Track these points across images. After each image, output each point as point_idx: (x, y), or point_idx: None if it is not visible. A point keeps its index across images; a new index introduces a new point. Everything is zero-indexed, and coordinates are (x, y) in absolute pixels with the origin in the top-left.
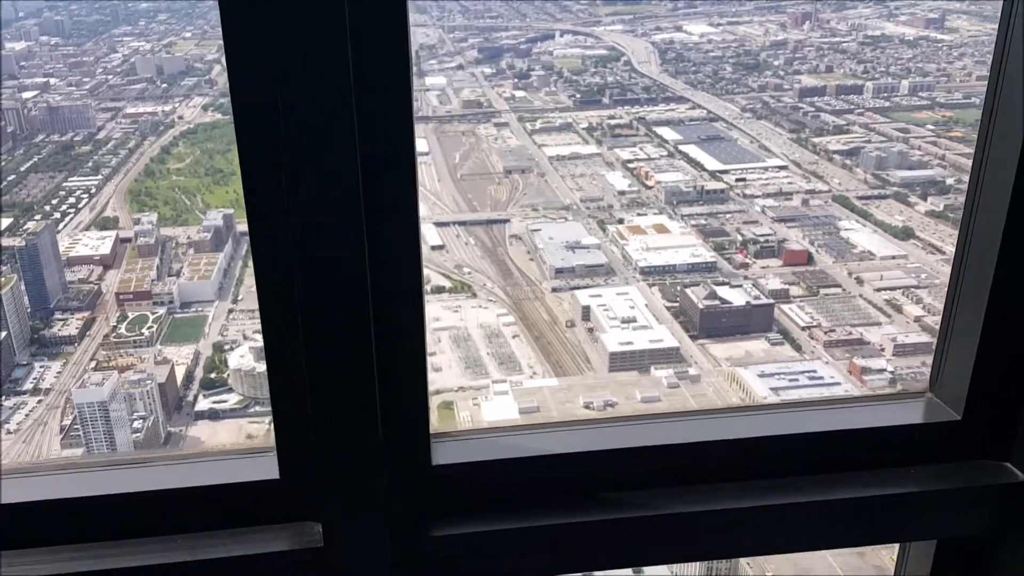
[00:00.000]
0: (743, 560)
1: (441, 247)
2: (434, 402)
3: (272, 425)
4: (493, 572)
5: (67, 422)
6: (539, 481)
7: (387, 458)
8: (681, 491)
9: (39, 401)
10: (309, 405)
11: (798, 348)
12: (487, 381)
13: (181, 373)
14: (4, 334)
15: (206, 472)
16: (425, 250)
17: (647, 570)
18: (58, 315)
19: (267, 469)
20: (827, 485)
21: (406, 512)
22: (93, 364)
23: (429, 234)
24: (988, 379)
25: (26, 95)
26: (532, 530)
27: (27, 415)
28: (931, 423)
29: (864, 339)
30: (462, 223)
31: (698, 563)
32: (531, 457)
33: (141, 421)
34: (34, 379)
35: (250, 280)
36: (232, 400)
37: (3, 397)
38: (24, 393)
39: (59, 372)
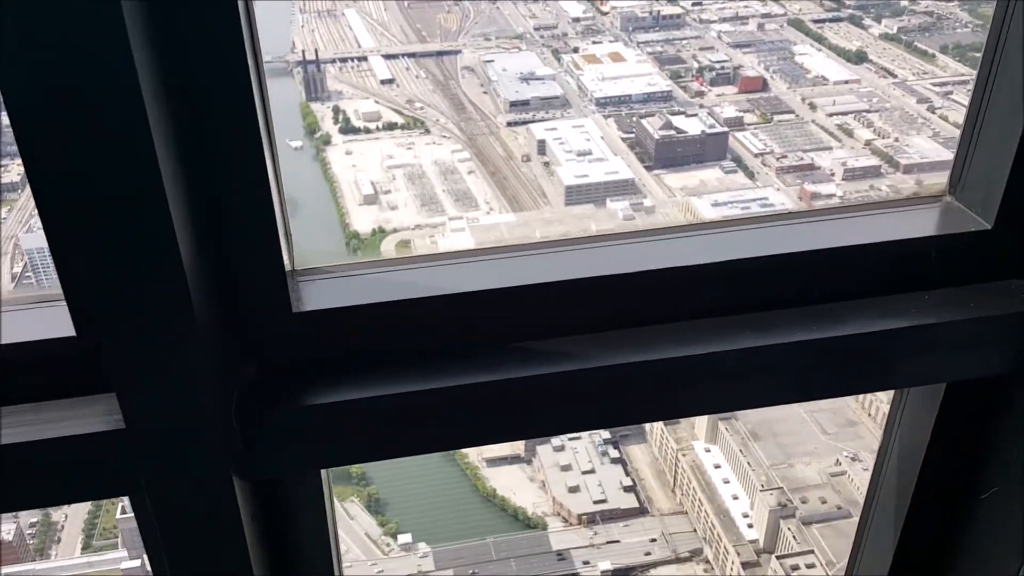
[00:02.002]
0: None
1: (391, 81)
2: (391, 241)
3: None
4: (374, 448)
5: (18, 269)
6: (437, 330)
7: (217, 306)
8: (622, 337)
9: None
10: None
11: (751, 175)
12: (443, 219)
13: None
14: None
15: None
16: (374, 84)
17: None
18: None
19: (57, 326)
20: (814, 320)
21: (259, 376)
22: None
23: (378, 67)
24: None
25: None
26: (425, 395)
27: None
28: (951, 234)
29: (815, 164)
30: (411, 55)
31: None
32: (427, 299)
33: None
34: None
35: None
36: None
37: None
38: None
39: (4, 218)
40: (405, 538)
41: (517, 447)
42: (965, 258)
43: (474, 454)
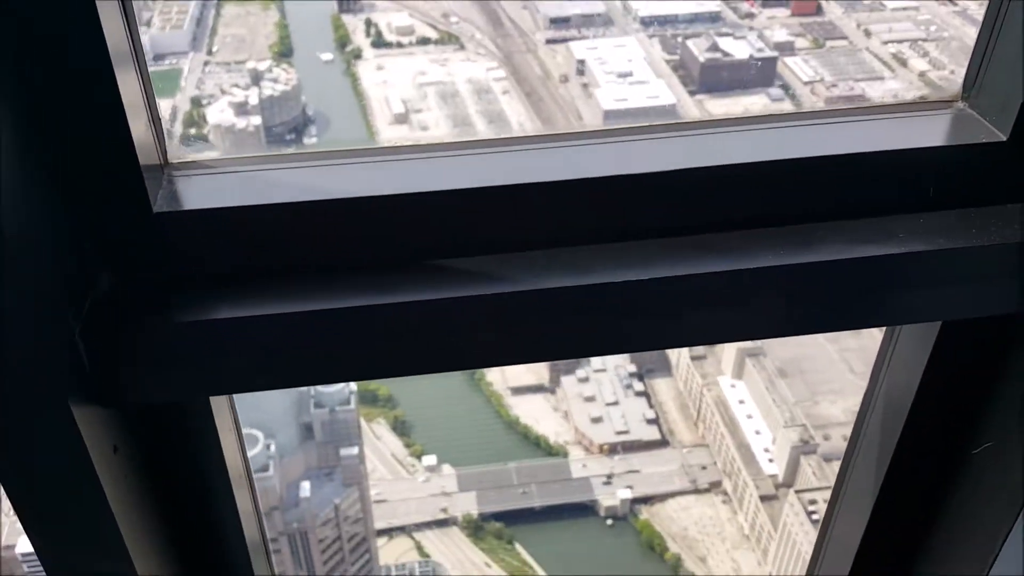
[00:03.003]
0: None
1: None
2: None
3: None
4: (251, 376)
5: None
6: (336, 239)
7: (50, 196)
8: (563, 256)
9: None
10: None
11: (799, 104)
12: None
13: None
14: None
15: None
16: None
17: None
18: None
19: None
20: (797, 242)
21: (116, 287)
22: None
23: None
24: None
25: None
26: (317, 316)
27: None
28: (958, 146)
29: (865, 95)
30: None
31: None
32: (323, 202)
33: None
34: None
35: (225, 30)
36: (213, 156)
37: None
38: None
39: None
40: (430, 460)
41: (542, 376)
42: (972, 175)
43: (499, 382)
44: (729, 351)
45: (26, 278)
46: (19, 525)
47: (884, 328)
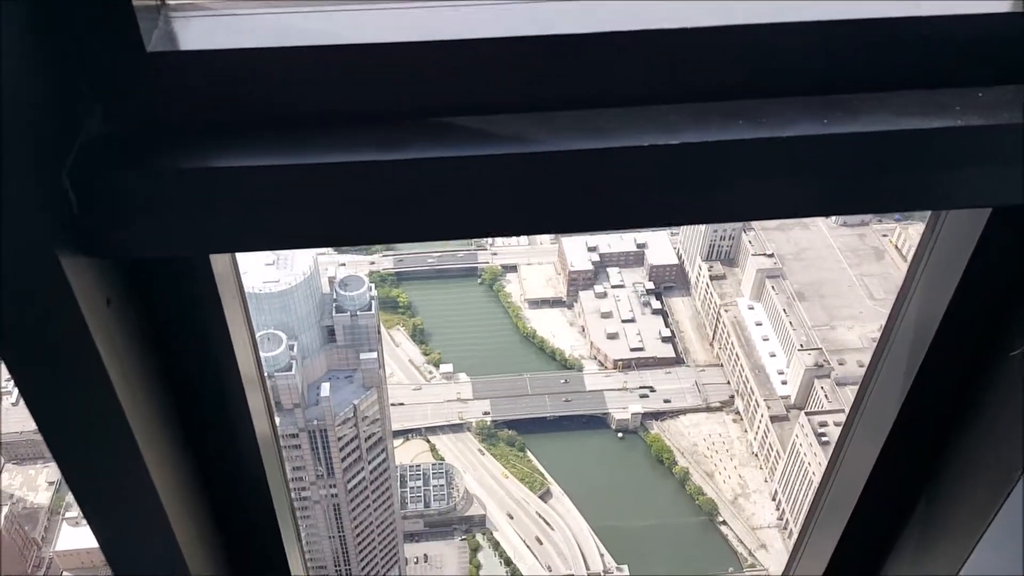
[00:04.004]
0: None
1: None
2: None
3: None
4: (245, 234)
5: None
6: (340, 89)
7: (38, 26)
8: (600, 117)
9: None
10: None
11: None
12: None
13: None
14: None
15: None
16: None
17: None
18: None
19: None
20: (843, 111)
21: (107, 130)
22: None
23: None
24: None
25: None
26: (317, 170)
27: None
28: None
29: None
30: None
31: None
32: (329, 48)
33: None
34: None
35: None
36: None
37: None
38: None
39: None
40: (446, 367)
41: (560, 290)
42: None
43: (517, 295)
44: (749, 272)
45: (10, 107)
46: None
47: (929, 214)
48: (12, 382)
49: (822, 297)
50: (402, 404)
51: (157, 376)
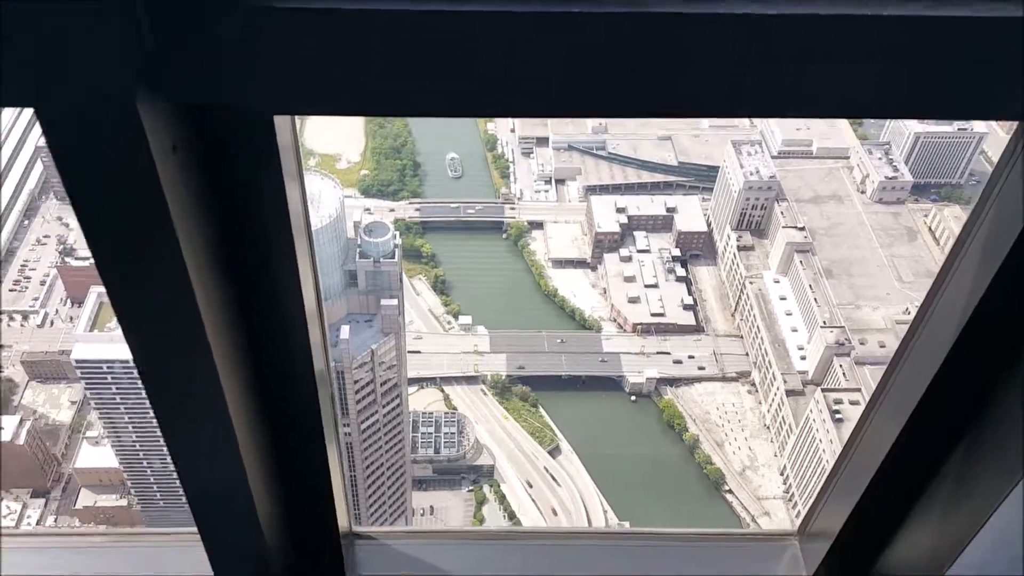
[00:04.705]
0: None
1: None
2: None
3: None
4: (339, 93)
5: None
6: None
7: None
8: None
9: None
10: None
11: None
12: None
13: None
14: None
15: None
16: None
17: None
18: None
19: None
20: None
21: None
22: None
23: None
24: None
25: None
26: (397, 18)
27: None
28: None
29: None
30: None
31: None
32: None
33: None
34: None
35: None
36: None
37: None
38: None
39: None
40: (465, 319)
41: (584, 251)
42: None
43: (541, 253)
44: (779, 245)
45: None
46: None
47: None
48: (38, 301)
49: (850, 276)
50: (419, 352)
51: (217, 243)
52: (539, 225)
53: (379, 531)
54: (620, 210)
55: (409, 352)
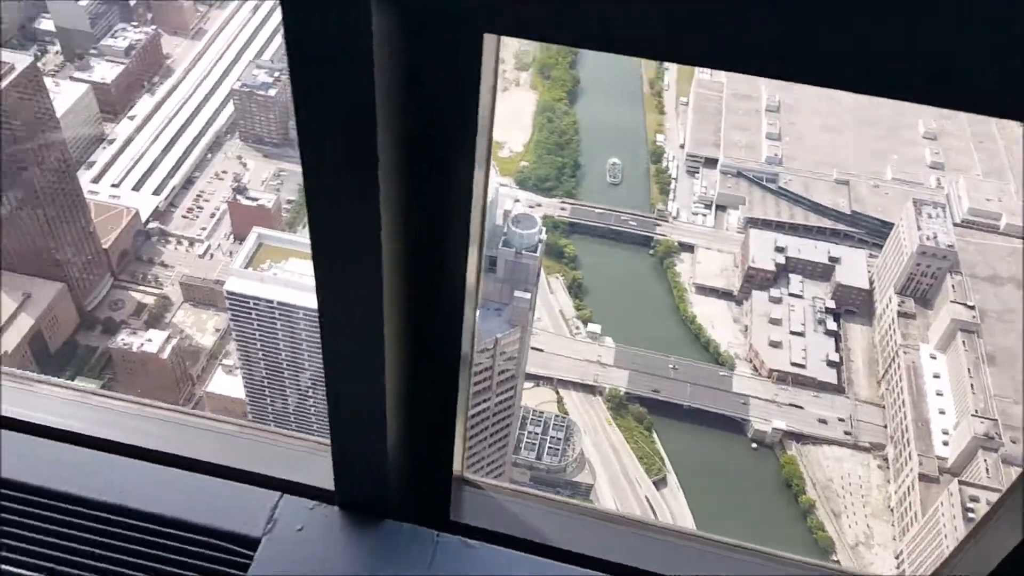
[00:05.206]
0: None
1: None
2: None
3: None
4: (553, 19)
5: None
6: None
7: None
8: None
9: None
10: None
11: None
12: None
13: None
14: None
15: None
16: None
17: None
18: None
19: None
20: None
21: None
22: None
23: None
24: None
25: None
26: None
27: None
28: None
29: None
30: None
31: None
32: None
33: None
34: None
35: None
36: None
37: None
38: None
39: None
40: (594, 328)
41: (732, 283)
42: None
43: (686, 276)
44: (943, 319)
45: None
46: None
47: None
48: (205, 232)
49: (1014, 368)
50: (541, 351)
51: (406, 148)
52: (690, 248)
53: (487, 482)
54: (779, 249)
55: (532, 348)
